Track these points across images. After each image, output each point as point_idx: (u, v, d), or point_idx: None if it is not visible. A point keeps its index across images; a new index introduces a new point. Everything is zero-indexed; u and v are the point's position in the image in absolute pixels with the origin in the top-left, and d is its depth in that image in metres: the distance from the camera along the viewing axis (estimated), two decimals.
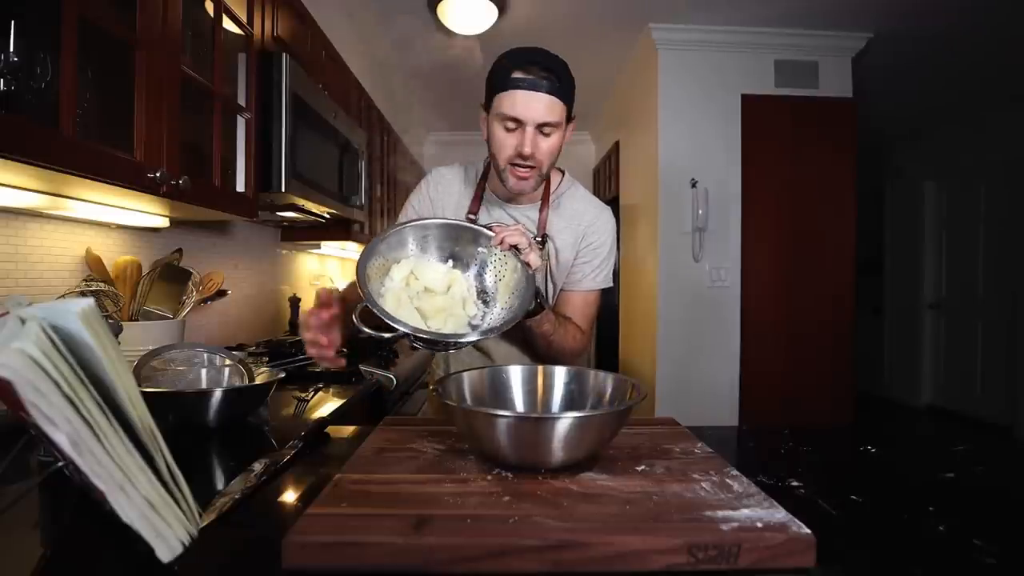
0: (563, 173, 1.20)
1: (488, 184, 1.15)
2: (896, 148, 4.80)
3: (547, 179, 1.13)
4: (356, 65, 2.57)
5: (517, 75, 0.94)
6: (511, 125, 0.97)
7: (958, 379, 4.24)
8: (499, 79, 0.96)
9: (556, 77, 0.94)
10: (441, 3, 2.50)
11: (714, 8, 2.63)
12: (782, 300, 2.93)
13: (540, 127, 0.97)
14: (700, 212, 2.83)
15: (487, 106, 1.02)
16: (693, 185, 2.86)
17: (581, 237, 1.14)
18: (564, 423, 0.60)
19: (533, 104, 0.94)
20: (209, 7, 1.31)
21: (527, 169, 1.00)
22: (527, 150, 0.97)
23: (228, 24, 1.39)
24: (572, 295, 1.16)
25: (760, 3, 2.57)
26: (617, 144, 3.87)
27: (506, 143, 0.99)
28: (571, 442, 0.61)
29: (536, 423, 0.63)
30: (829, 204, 2.93)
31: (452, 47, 2.95)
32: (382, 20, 2.71)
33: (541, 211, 1.12)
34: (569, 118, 1.01)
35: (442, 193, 1.17)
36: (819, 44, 2.87)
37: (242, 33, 1.45)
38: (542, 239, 1.11)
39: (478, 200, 1.14)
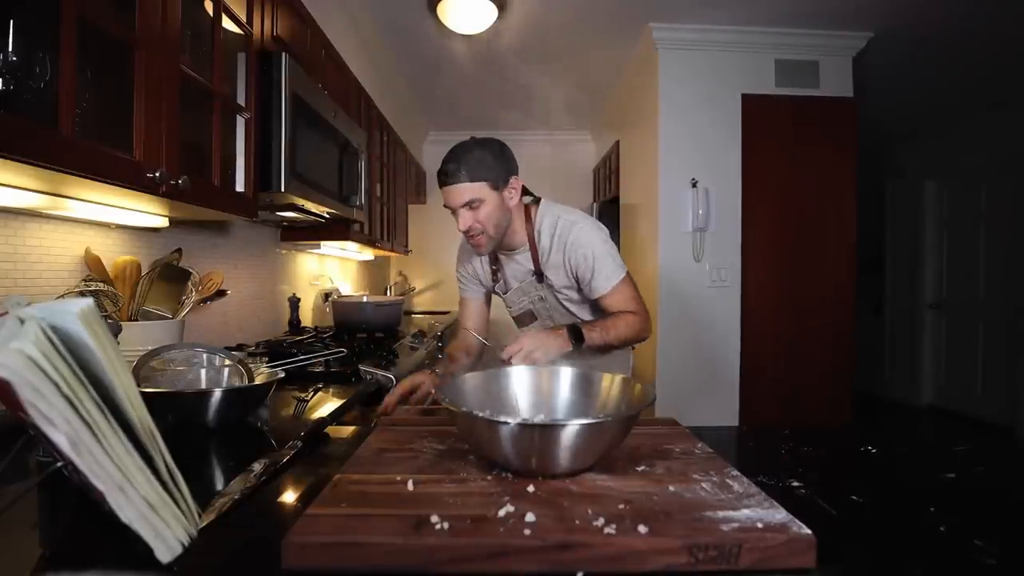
0: (538, 203, 1.39)
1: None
2: (896, 147, 4.80)
3: (528, 218, 1.35)
4: (356, 65, 2.57)
5: (440, 175, 1.23)
6: (451, 211, 1.26)
7: (959, 379, 4.23)
8: (438, 178, 1.25)
9: (464, 167, 1.20)
10: (441, 3, 2.50)
11: (715, 7, 2.63)
12: (782, 300, 2.92)
13: (466, 205, 1.23)
14: (700, 212, 2.82)
15: None
16: (693, 185, 2.86)
17: (568, 259, 1.32)
18: (570, 431, 0.58)
19: (451, 194, 1.23)
20: (209, 7, 1.31)
21: (476, 236, 1.27)
22: (462, 227, 1.25)
23: (228, 24, 1.38)
24: (604, 299, 1.33)
25: (761, 3, 2.57)
26: (617, 144, 3.87)
27: (456, 223, 1.27)
28: (578, 450, 0.60)
29: (541, 431, 0.60)
30: (829, 204, 2.92)
31: (452, 46, 2.95)
32: (382, 20, 2.71)
33: (531, 251, 1.36)
34: (500, 185, 1.25)
35: (470, 260, 1.51)
36: (819, 44, 2.87)
37: (241, 33, 1.45)
38: (538, 275, 1.37)
39: (494, 255, 1.43)
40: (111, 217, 1.25)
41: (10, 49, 0.75)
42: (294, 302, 2.41)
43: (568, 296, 1.38)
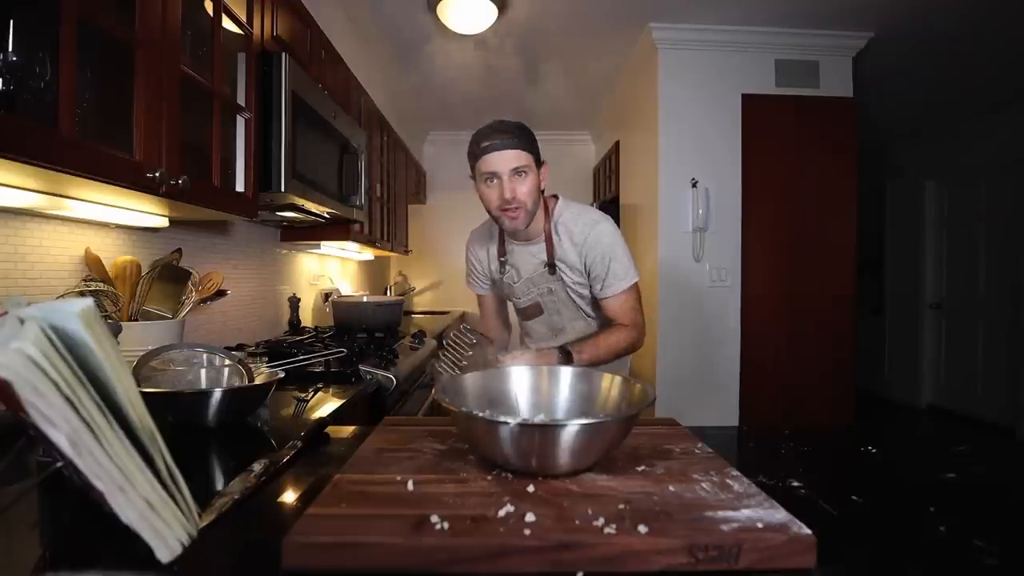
0: (557, 199, 1.39)
1: (505, 232, 1.38)
2: (896, 147, 4.80)
3: (546, 212, 1.34)
4: (356, 66, 2.57)
5: (486, 143, 1.20)
6: (491, 180, 1.23)
7: (959, 379, 4.23)
8: (474, 150, 1.23)
9: (515, 135, 1.21)
10: (441, 3, 2.50)
11: (715, 7, 2.63)
12: (782, 300, 2.92)
13: (514, 172, 1.21)
14: (700, 212, 2.82)
15: (473, 175, 1.28)
16: (693, 185, 2.86)
17: (584, 256, 1.33)
18: (570, 431, 0.58)
19: (502, 159, 1.20)
20: (209, 7, 1.31)
21: (514, 210, 1.24)
22: (507, 195, 1.21)
23: (228, 24, 1.38)
24: (607, 301, 1.35)
25: (761, 2, 2.57)
26: (617, 144, 3.87)
27: (491, 195, 1.25)
28: (578, 450, 0.60)
29: (541, 431, 0.60)
30: (829, 204, 2.92)
31: (451, 46, 2.94)
32: (382, 20, 2.71)
33: (547, 244, 1.35)
34: (539, 163, 1.27)
35: (478, 251, 1.50)
36: (820, 43, 2.87)
37: (242, 33, 1.45)
38: (551, 267, 1.35)
39: (502, 246, 1.43)
40: (111, 217, 1.25)
41: (10, 49, 0.75)
42: (294, 302, 2.41)
43: (578, 291, 1.39)
